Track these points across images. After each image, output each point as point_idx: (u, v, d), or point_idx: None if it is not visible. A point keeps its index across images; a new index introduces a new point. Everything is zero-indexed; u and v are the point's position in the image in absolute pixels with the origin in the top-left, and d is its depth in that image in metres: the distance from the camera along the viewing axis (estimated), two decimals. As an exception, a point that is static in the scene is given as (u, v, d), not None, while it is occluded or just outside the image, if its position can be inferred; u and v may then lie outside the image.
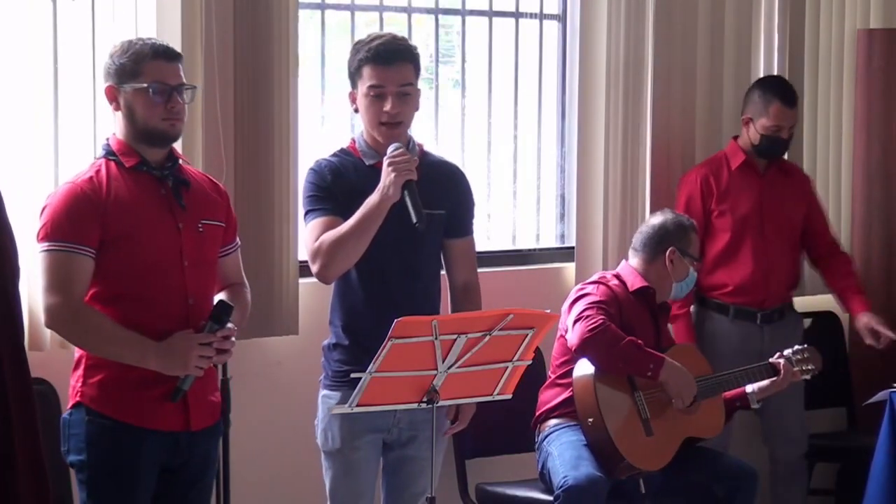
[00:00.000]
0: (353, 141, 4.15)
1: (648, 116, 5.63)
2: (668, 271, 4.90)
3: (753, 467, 4.92)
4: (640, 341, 4.72)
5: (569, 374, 4.80)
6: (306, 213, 4.07)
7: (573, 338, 4.70)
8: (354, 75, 4.07)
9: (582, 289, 4.85)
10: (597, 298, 4.76)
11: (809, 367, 4.99)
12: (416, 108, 4.12)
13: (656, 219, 5.01)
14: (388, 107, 4.00)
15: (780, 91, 5.47)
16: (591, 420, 4.67)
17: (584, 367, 4.74)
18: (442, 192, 4.10)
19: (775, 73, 6.01)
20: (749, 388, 4.92)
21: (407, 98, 4.03)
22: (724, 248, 5.47)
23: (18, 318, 2.59)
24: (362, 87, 4.04)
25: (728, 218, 5.47)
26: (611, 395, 4.71)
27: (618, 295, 4.83)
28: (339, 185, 4.03)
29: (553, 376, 4.91)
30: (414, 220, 3.88)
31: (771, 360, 4.96)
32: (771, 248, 5.49)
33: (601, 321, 4.67)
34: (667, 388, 4.74)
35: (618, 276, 4.93)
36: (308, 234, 4.03)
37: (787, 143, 5.54)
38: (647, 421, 4.73)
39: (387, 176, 3.91)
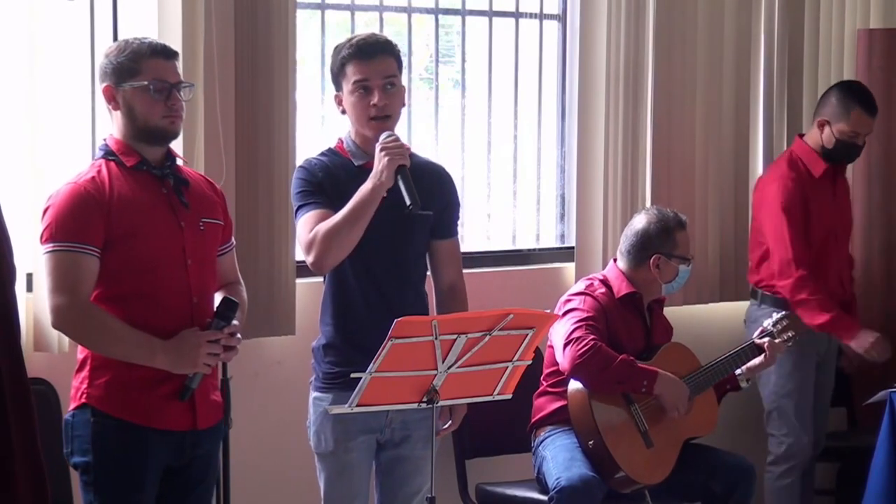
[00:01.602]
0: (341, 141, 4.13)
1: (648, 116, 5.64)
2: (654, 276, 4.88)
3: (751, 463, 4.92)
4: (631, 358, 4.70)
5: (560, 383, 4.79)
6: (298, 209, 4.04)
7: (565, 362, 4.68)
8: (338, 76, 4.05)
9: (569, 300, 4.80)
10: (584, 315, 4.72)
11: (789, 334, 5.00)
12: (403, 104, 4.11)
13: (640, 222, 4.94)
14: (375, 99, 3.98)
15: (863, 97, 5.46)
16: (591, 443, 4.67)
17: (578, 383, 4.74)
18: (428, 193, 4.05)
19: (775, 72, 6.02)
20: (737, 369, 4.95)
21: (392, 91, 4.02)
22: (814, 259, 5.47)
23: (15, 320, 2.59)
24: (347, 86, 4.03)
25: (814, 227, 5.47)
26: (607, 412, 4.70)
27: (604, 305, 4.79)
28: (330, 182, 4.02)
29: (545, 384, 4.88)
30: (408, 202, 3.85)
31: (755, 339, 4.96)
32: (842, 252, 5.55)
33: (591, 344, 4.64)
34: (662, 400, 4.75)
35: (605, 281, 4.88)
36: (301, 227, 4.01)
37: (861, 149, 5.54)
38: (647, 433, 4.74)
39: (380, 161, 3.90)
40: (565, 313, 4.74)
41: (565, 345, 4.67)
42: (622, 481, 4.69)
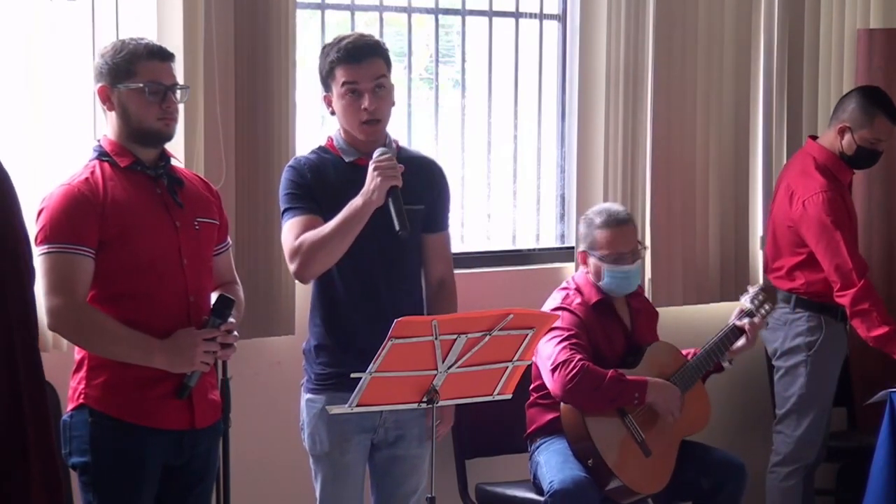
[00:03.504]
0: (331, 139, 4.12)
1: (648, 116, 5.63)
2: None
3: (741, 460, 4.90)
4: (619, 373, 4.68)
5: (549, 395, 4.75)
6: (284, 211, 4.03)
7: (555, 388, 4.66)
8: (327, 78, 4.04)
9: None
10: (566, 333, 4.69)
11: (767, 308, 4.99)
12: (393, 104, 4.09)
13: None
14: (366, 103, 3.97)
15: (886, 104, 5.47)
16: (590, 462, 4.65)
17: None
18: (420, 186, 4.06)
19: (775, 72, 6.02)
20: None
21: (382, 92, 4.01)
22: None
23: (34, 320, 2.61)
24: (337, 89, 4.01)
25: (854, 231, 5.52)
26: (602, 427, 4.69)
27: (582, 318, 4.76)
28: (319, 183, 4.01)
29: (534, 396, 4.86)
30: (397, 227, 3.85)
31: (735, 322, 4.94)
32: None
33: (580, 366, 4.61)
34: (656, 407, 4.74)
35: (578, 289, 4.85)
36: (287, 233, 4.00)
37: (880, 156, 5.56)
38: (644, 442, 4.73)
39: (372, 180, 3.88)
40: (546, 331, 4.68)
41: (553, 369, 4.65)
42: (624, 493, 4.68)
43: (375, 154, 3.93)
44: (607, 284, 4.83)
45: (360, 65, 3.98)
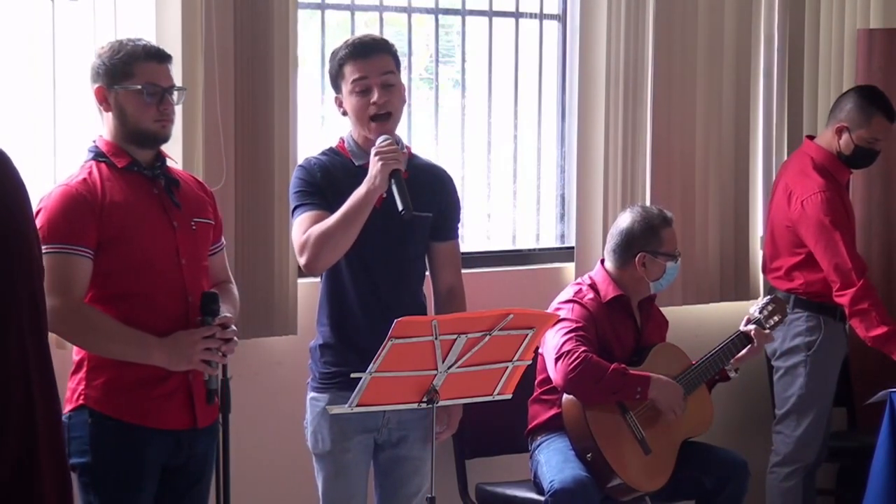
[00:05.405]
0: (342, 141, 4.14)
1: (648, 116, 5.63)
2: (641, 274, 4.85)
3: (743, 458, 4.91)
4: (623, 366, 4.68)
5: (553, 390, 4.77)
6: (294, 208, 4.05)
7: (557, 377, 4.66)
8: (337, 78, 4.07)
9: (558, 309, 4.76)
10: (573, 325, 4.69)
11: (776, 319, 5.02)
12: (404, 101, 4.12)
13: (624, 221, 4.90)
14: (374, 97, 4.00)
15: (884, 104, 5.48)
16: (589, 455, 4.65)
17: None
18: (429, 195, 4.09)
19: (775, 72, 6.03)
20: None
21: (391, 88, 4.03)
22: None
23: (45, 326, 2.60)
24: (346, 86, 4.04)
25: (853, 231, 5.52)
26: (603, 423, 4.68)
27: (592, 312, 4.76)
28: (328, 183, 4.03)
29: (538, 391, 4.87)
30: (400, 208, 3.86)
31: (742, 328, 4.95)
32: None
33: (582, 356, 4.61)
34: (657, 404, 4.74)
35: (593, 285, 4.86)
36: (296, 228, 4.02)
37: (878, 155, 5.56)
38: (644, 440, 4.72)
39: (374, 166, 3.90)
40: (554, 323, 4.70)
41: (556, 359, 4.65)
42: (622, 490, 4.68)
43: (378, 141, 3.95)
44: (666, 281, 4.88)
45: (368, 59, 4.01)
